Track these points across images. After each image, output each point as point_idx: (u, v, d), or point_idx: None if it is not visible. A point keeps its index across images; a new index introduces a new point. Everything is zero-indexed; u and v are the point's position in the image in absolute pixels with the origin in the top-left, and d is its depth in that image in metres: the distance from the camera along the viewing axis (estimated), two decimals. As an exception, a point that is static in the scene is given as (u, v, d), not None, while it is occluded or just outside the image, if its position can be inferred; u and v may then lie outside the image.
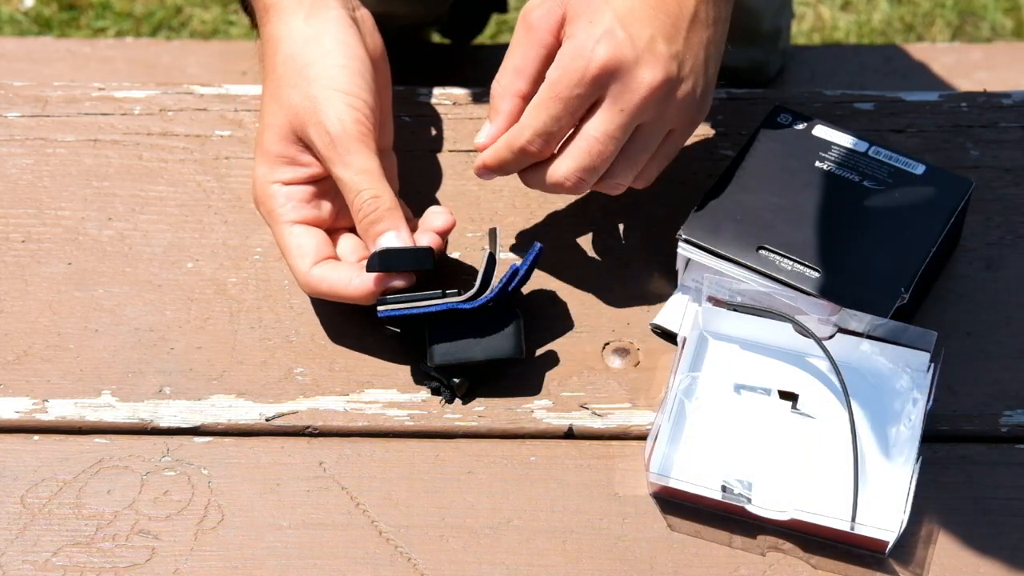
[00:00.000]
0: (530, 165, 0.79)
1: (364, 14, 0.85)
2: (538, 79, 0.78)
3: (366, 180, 0.78)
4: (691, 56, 0.77)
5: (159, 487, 0.78)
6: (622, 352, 0.82)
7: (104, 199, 0.90)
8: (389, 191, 0.79)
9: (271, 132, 0.80)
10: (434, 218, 0.81)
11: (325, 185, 0.81)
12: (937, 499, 0.76)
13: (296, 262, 0.79)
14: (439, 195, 0.90)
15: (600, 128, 0.76)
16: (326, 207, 0.82)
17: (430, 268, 0.78)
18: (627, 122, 0.76)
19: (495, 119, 0.79)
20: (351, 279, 0.78)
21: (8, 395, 0.81)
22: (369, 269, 0.78)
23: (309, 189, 0.81)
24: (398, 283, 0.78)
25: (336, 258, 0.81)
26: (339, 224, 0.83)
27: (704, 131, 0.92)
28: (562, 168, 0.77)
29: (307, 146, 0.80)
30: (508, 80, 0.79)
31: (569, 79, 0.75)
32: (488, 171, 0.80)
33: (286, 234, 0.80)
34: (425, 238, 0.79)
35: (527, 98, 0.78)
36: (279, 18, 0.82)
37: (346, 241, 0.82)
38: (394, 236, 0.78)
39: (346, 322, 0.84)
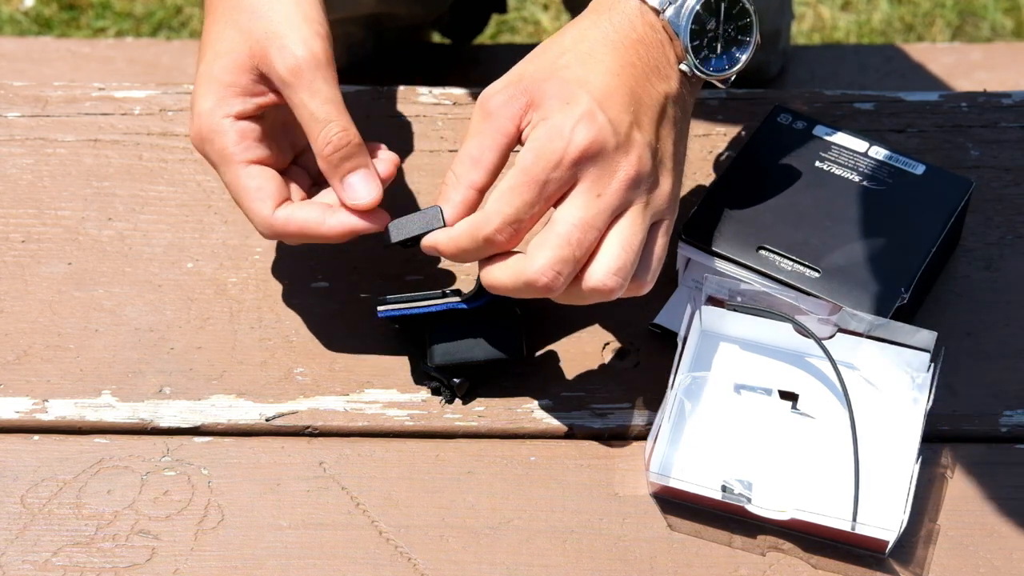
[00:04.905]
0: (491, 258, 0.72)
1: None
2: (495, 170, 0.73)
3: (334, 111, 0.74)
4: (661, 148, 0.73)
5: (159, 487, 0.78)
6: (622, 352, 0.82)
7: (104, 199, 0.90)
8: (354, 127, 0.75)
9: (225, 60, 0.75)
10: (380, 165, 0.77)
11: (272, 121, 0.77)
12: (937, 499, 0.76)
13: (257, 205, 0.75)
14: (439, 195, 0.90)
15: (577, 215, 0.70)
16: (275, 148, 0.77)
17: (443, 226, 0.73)
18: (605, 208, 0.70)
19: (444, 208, 0.73)
20: (324, 218, 0.75)
21: (8, 395, 0.81)
22: (387, 244, 0.75)
23: (259, 128, 0.76)
24: (375, 225, 0.75)
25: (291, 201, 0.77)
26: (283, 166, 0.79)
27: (704, 131, 0.92)
28: (538, 261, 0.69)
29: (262, 76, 0.75)
30: (463, 170, 0.73)
31: (546, 162, 0.70)
32: (437, 254, 0.74)
33: (243, 175, 0.75)
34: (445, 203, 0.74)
35: (481, 190, 0.73)
36: None
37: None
38: (362, 175, 0.75)
39: (346, 322, 0.84)
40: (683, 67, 0.75)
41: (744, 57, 0.77)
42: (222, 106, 0.75)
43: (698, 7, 0.74)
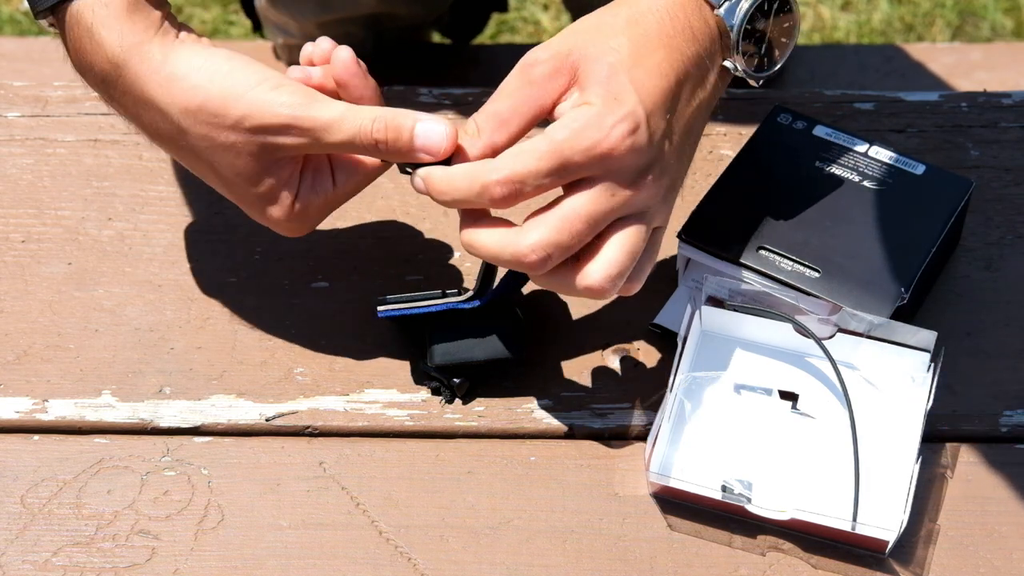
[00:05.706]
0: (478, 220, 0.71)
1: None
2: (517, 138, 0.71)
3: (352, 119, 0.71)
4: (679, 160, 0.73)
5: (159, 487, 0.78)
6: (622, 352, 0.82)
7: (104, 199, 0.90)
8: (373, 107, 0.72)
9: (243, 176, 0.73)
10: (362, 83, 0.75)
11: (297, 161, 0.75)
12: (937, 499, 0.76)
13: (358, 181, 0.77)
14: (439, 195, 0.89)
15: (586, 207, 0.69)
16: (326, 160, 0.77)
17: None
18: (614, 209, 0.69)
19: (456, 158, 0.71)
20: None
21: (8, 395, 0.81)
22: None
23: (311, 173, 0.75)
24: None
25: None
26: None
27: (704, 131, 0.92)
28: (532, 237, 0.69)
29: (277, 158, 0.73)
30: (488, 127, 0.71)
31: (577, 144, 0.68)
32: (426, 191, 0.71)
33: (350, 189, 0.76)
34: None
35: (497, 152, 0.70)
36: (139, 60, 0.74)
37: None
38: (421, 129, 0.71)
39: (346, 322, 0.84)
40: (727, 63, 0.74)
41: (783, 58, 0.77)
42: (283, 202, 0.74)
43: (753, 9, 0.74)
